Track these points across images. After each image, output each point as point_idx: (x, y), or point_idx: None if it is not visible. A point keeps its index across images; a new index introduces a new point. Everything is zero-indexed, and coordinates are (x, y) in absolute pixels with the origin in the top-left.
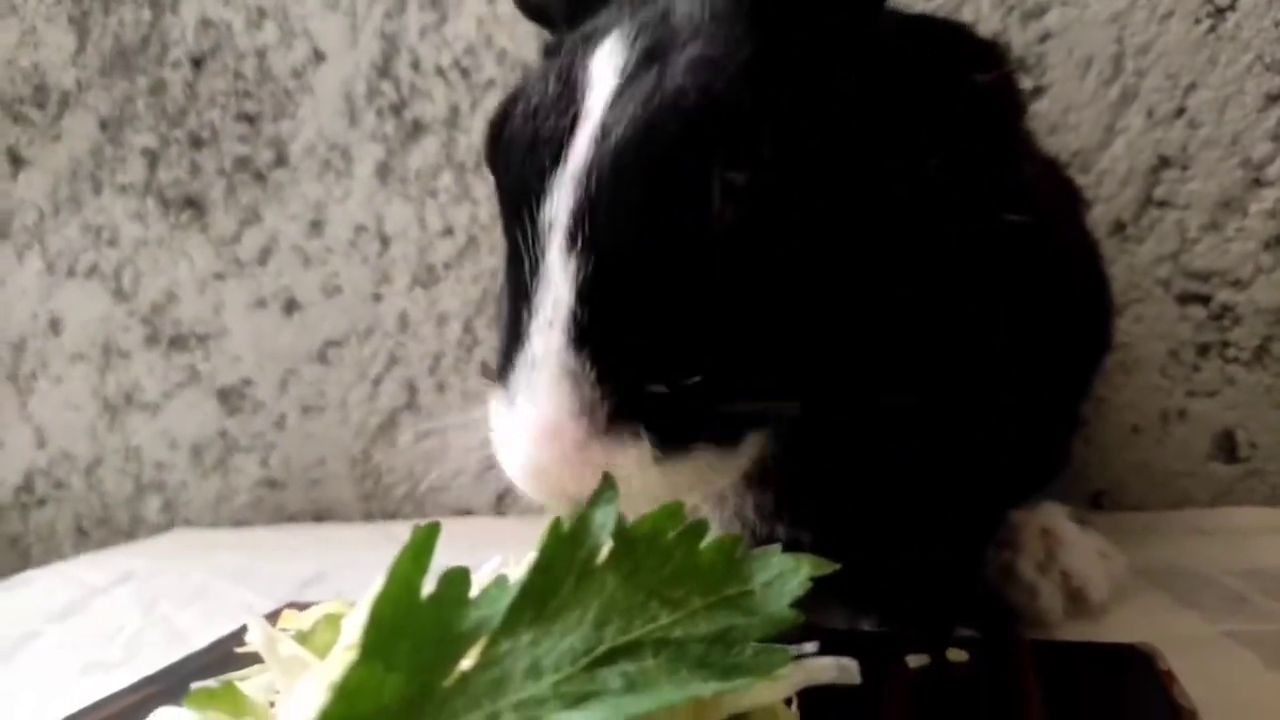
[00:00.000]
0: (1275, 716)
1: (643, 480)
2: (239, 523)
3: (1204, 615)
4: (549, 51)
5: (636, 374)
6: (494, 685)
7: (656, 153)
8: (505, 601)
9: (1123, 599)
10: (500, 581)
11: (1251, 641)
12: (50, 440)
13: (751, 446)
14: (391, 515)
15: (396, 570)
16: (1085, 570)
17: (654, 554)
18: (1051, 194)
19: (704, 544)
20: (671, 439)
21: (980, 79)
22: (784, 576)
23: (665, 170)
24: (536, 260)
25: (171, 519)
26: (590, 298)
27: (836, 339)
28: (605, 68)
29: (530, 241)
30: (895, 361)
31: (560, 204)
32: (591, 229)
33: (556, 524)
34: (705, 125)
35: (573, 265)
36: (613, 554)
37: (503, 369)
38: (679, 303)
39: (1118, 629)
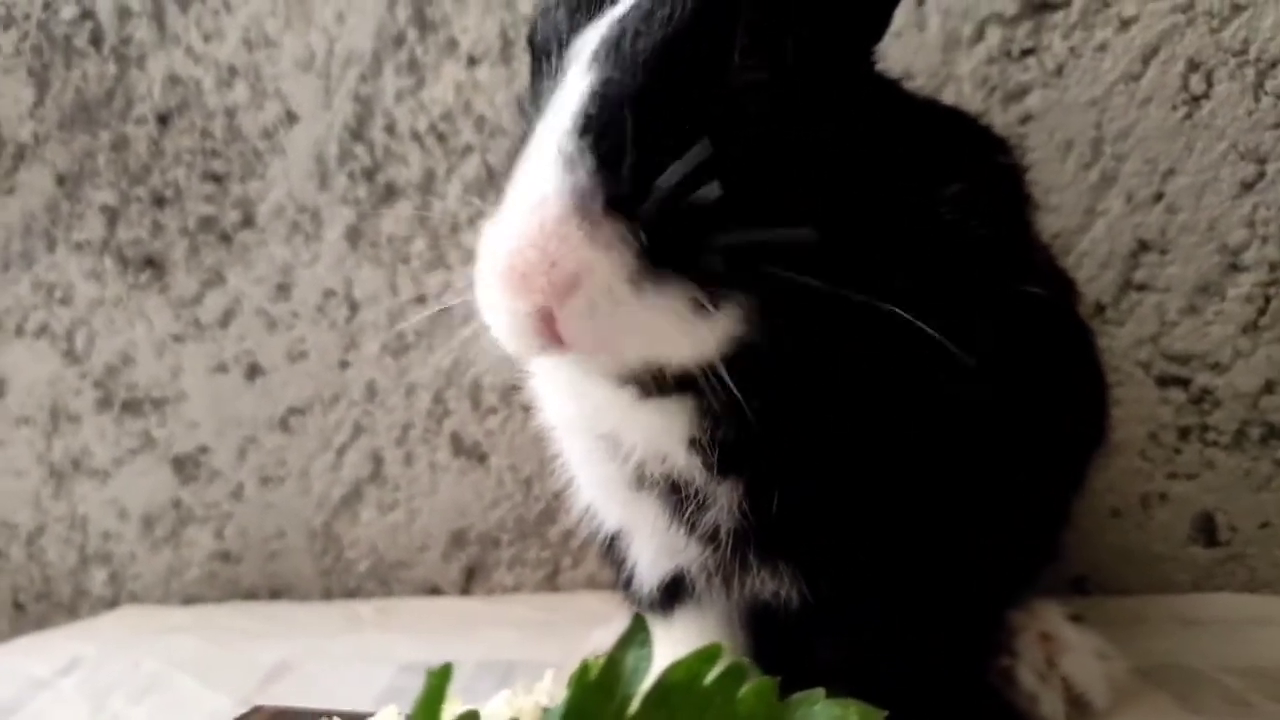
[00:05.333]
0: None
1: (611, 300)
2: (190, 598)
3: None
4: None
5: (635, 172)
6: None
7: (690, 11)
8: None
9: (1124, 700)
10: None
11: None
12: None
13: (726, 325)
14: (353, 592)
15: None
16: (1086, 677)
17: (690, 702)
18: (1055, 283)
19: (742, 690)
20: (656, 253)
21: (1004, 160)
22: None
23: (695, 24)
24: (557, 80)
25: (117, 593)
26: (603, 93)
27: (826, 207)
28: None
29: (555, 66)
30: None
31: (593, 37)
32: (618, 47)
33: (584, 671)
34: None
35: (593, 72)
36: (646, 703)
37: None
38: (685, 127)
39: None
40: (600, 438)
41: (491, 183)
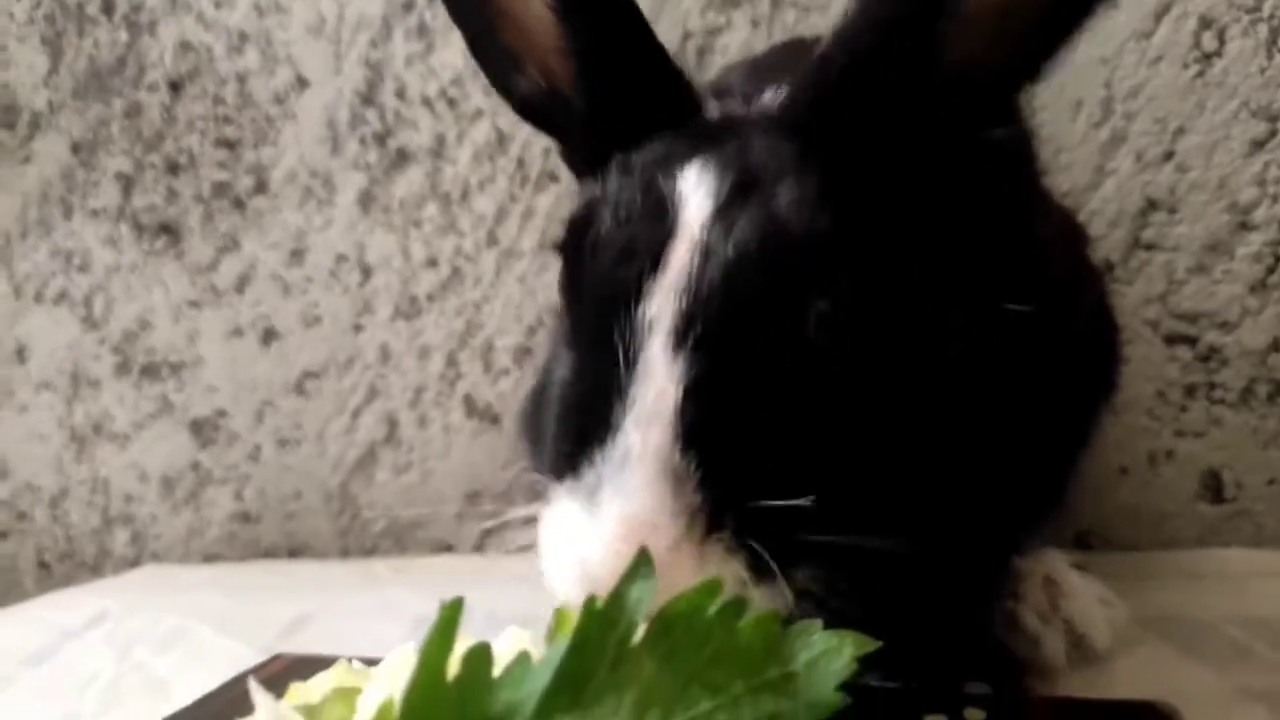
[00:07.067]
0: None
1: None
2: (210, 558)
3: (1211, 668)
4: (624, 169)
5: (740, 485)
6: None
7: (764, 274)
8: (531, 683)
9: (1126, 649)
10: (523, 660)
11: (1260, 697)
12: (13, 471)
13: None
14: (369, 551)
15: (426, 653)
16: (1088, 618)
17: (692, 634)
18: (1062, 246)
19: (743, 622)
20: (763, 561)
21: (997, 135)
22: (827, 656)
23: (770, 290)
24: (633, 354)
25: (139, 553)
26: (699, 396)
27: (914, 455)
28: (696, 191)
29: (625, 336)
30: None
31: (663, 306)
32: (702, 331)
33: (591, 602)
34: (804, 257)
35: (680, 364)
36: (649, 634)
37: (574, 459)
38: (781, 414)
39: (1124, 681)
40: None
41: (502, 148)
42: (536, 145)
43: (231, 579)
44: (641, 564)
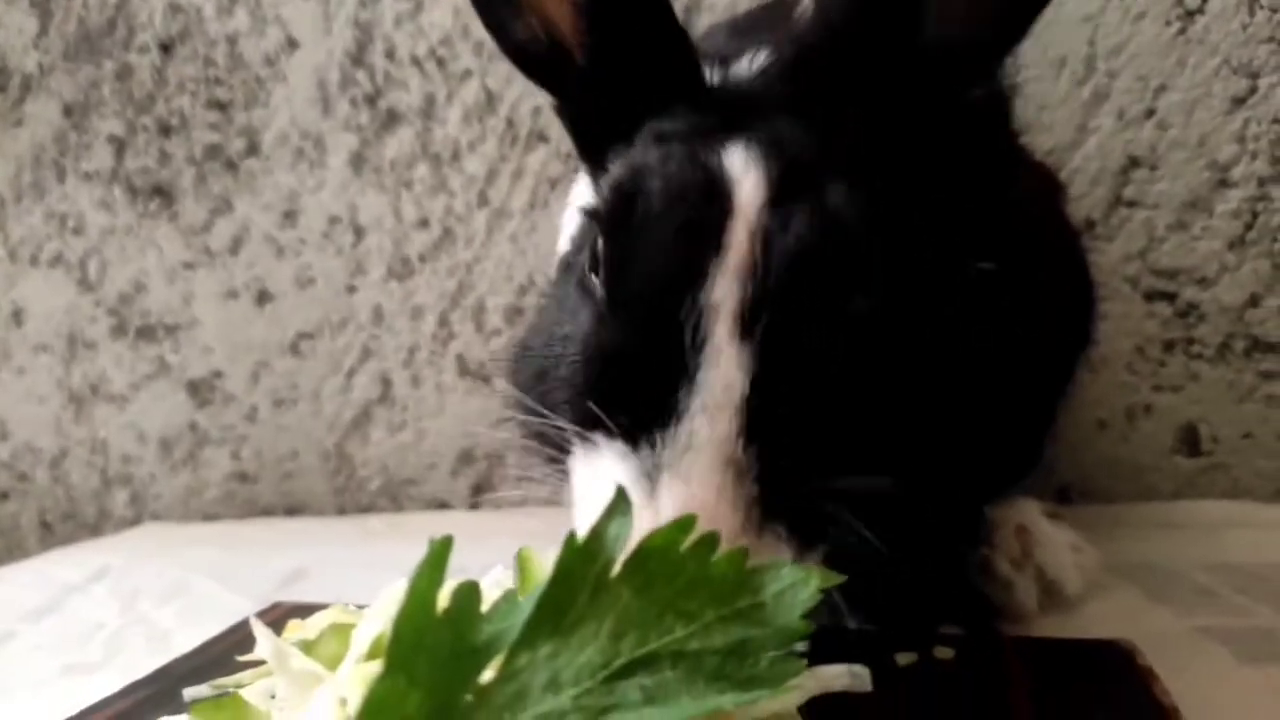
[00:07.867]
0: (1249, 711)
1: None
2: (209, 517)
3: (1175, 610)
4: (659, 138)
5: (793, 475)
6: (514, 699)
7: (822, 268)
8: (517, 615)
9: (1096, 593)
10: (509, 596)
11: (1223, 637)
12: (13, 433)
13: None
14: (365, 509)
15: (415, 586)
16: (1059, 565)
17: (667, 567)
18: (1038, 204)
19: (715, 556)
20: (807, 542)
21: (974, 95)
22: (794, 588)
23: (825, 285)
24: (700, 337)
25: (139, 513)
26: (766, 391)
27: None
28: (746, 174)
29: (687, 317)
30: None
31: (726, 291)
32: (769, 323)
33: (572, 537)
34: (851, 256)
35: (747, 354)
36: (626, 567)
37: (630, 433)
38: (829, 404)
39: (1092, 624)
40: None
41: (491, 108)
42: (525, 105)
43: (230, 535)
44: (619, 503)
